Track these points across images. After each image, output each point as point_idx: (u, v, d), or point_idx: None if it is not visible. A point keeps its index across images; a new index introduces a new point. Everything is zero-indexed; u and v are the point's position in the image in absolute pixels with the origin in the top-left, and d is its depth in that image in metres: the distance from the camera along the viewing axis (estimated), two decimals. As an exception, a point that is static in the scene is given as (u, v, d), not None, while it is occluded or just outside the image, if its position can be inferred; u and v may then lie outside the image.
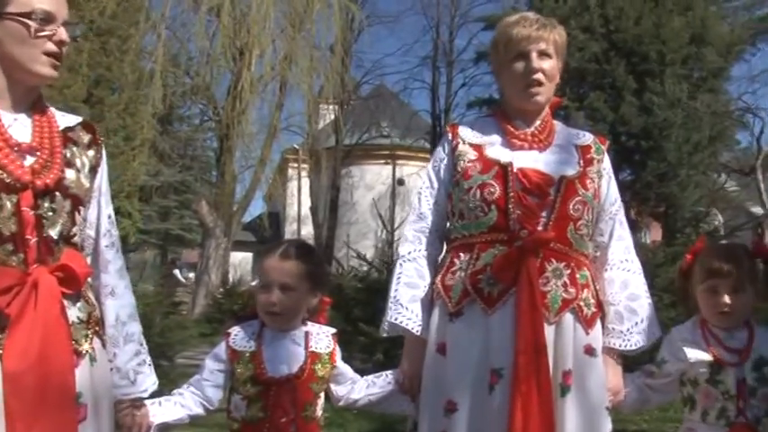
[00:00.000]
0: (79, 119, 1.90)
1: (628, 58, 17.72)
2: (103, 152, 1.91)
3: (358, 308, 6.42)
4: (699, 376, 2.05)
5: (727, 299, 2.04)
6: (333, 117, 20.96)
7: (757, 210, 19.32)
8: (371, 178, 24.60)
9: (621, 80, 17.62)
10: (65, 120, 1.85)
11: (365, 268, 7.43)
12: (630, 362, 2.09)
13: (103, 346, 1.84)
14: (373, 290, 6.25)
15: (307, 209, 23.89)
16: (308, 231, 24.21)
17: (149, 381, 1.94)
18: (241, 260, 24.16)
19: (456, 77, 24.89)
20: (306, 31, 14.92)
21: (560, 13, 16.90)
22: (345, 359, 2.24)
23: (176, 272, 19.86)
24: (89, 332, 1.77)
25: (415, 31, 52.72)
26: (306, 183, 23.65)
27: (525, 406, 1.83)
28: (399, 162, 24.46)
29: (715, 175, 20.26)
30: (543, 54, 2.05)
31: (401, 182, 23.77)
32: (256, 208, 27.39)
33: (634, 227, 21.21)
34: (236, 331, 2.14)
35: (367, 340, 5.84)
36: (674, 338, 2.13)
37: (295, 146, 20.44)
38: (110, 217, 1.92)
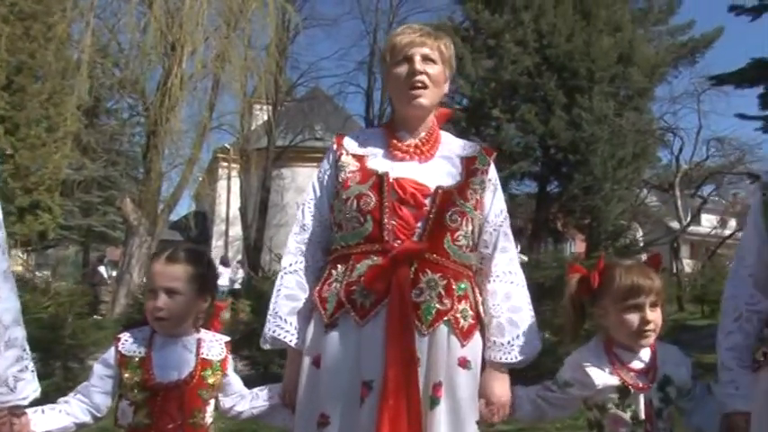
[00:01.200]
0: None
1: (559, 73, 18.22)
2: None
3: (278, 312, 6.33)
4: (606, 402, 1.98)
5: (651, 315, 1.96)
6: (266, 118, 20.77)
7: (675, 225, 20.12)
8: (303, 181, 24.37)
9: (552, 94, 18.10)
10: None
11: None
12: (515, 374, 2.06)
13: (-20, 351, 1.77)
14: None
15: (236, 209, 23.56)
16: (236, 232, 23.88)
17: (30, 388, 1.87)
18: (167, 260, 23.54)
19: (391, 83, 25.12)
20: (240, 30, 14.76)
21: (495, 26, 17.23)
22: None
23: (102, 269, 19.14)
24: (-36, 336, 1.70)
25: (352, 36, 53.13)
26: (236, 183, 23.32)
27: (393, 419, 1.79)
28: (331, 165, 24.31)
29: (637, 191, 21.06)
30: (427, 59, 2.05)
31: (333, 186, 23.62)
32: (184, 207, 26.87)
33: (560, 238, 21.79)
34: (126, 336, 2.11)
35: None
36: (577, 362, 2.04)
37: (226, 145, 20.15)
38: None
